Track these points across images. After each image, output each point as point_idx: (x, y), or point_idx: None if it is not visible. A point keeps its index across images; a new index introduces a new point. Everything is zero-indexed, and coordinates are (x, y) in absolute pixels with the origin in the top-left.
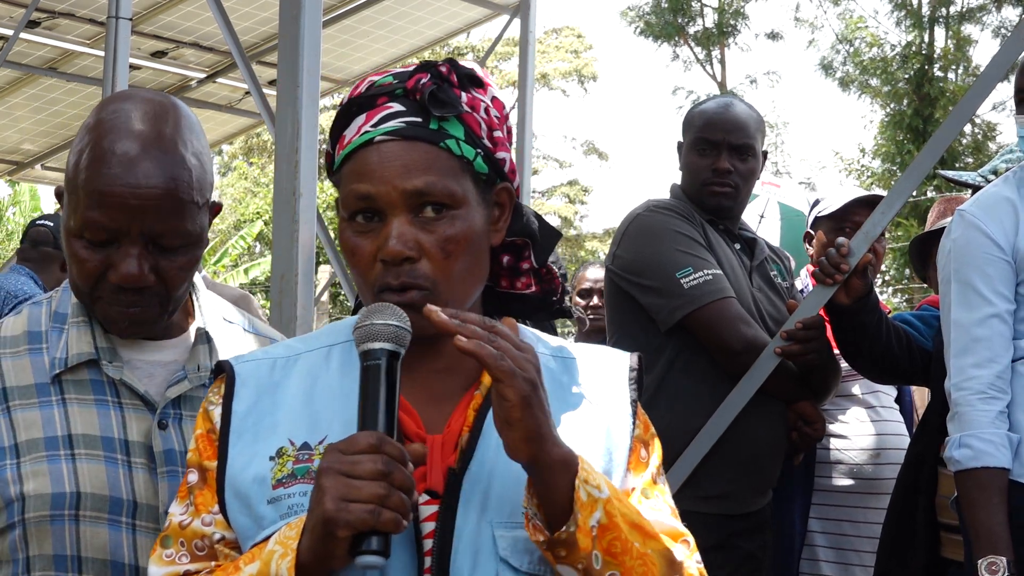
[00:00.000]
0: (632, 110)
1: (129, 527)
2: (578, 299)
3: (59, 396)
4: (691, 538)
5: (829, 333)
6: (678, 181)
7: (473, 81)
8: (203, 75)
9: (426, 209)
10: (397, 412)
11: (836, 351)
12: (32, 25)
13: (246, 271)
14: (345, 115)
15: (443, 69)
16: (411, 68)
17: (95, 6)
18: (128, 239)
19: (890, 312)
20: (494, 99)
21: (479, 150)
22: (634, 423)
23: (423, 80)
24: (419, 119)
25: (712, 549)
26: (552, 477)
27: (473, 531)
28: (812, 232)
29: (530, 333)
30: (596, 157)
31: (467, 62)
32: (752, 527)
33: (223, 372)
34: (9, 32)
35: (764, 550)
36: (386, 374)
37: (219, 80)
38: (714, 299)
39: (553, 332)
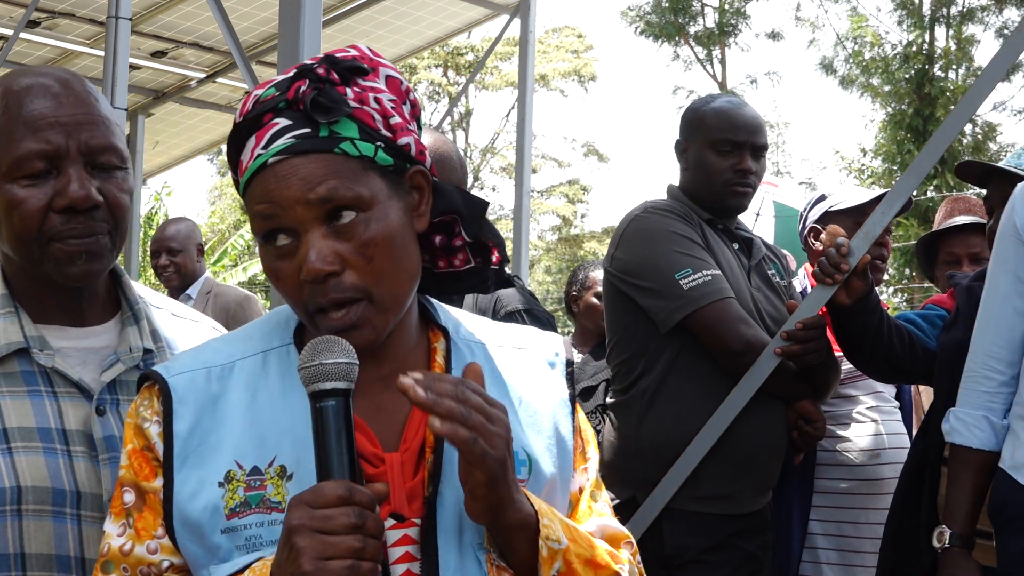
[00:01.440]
0: (632, 110)
1: (74, 518)
2: (595, 300)
3: None
4: (633, 539)
5: (829, 332)
6: (675, 182)
7: (356, 72)
8: (203, 75)
9: (337, 217)
10: (356, 453)
11: (837, 351)
12: (32, 25)
13: (244, 269)
14: (236, 139)
15: (320, 71)
16: (291, 74)
17: (95, 6)
18: (67, 161)
19: (888, 309)
20: (390, 79)
21: (378, 143)
22: (574, 416)
23: (302, 88)
24: (308, 129)
25: (713, 549)
26: (510, 538)
27: (457, 558)
28: (819, 227)
29: (465, 318)
30: (596, 158)
31: (351, 51)
32: (753, 527)
33: (150, 382)
34: (9, 32)
35: (765, 550)
36: (343, 416)
37: (219, 80)
38: (714, 300)
39: (553, 329)
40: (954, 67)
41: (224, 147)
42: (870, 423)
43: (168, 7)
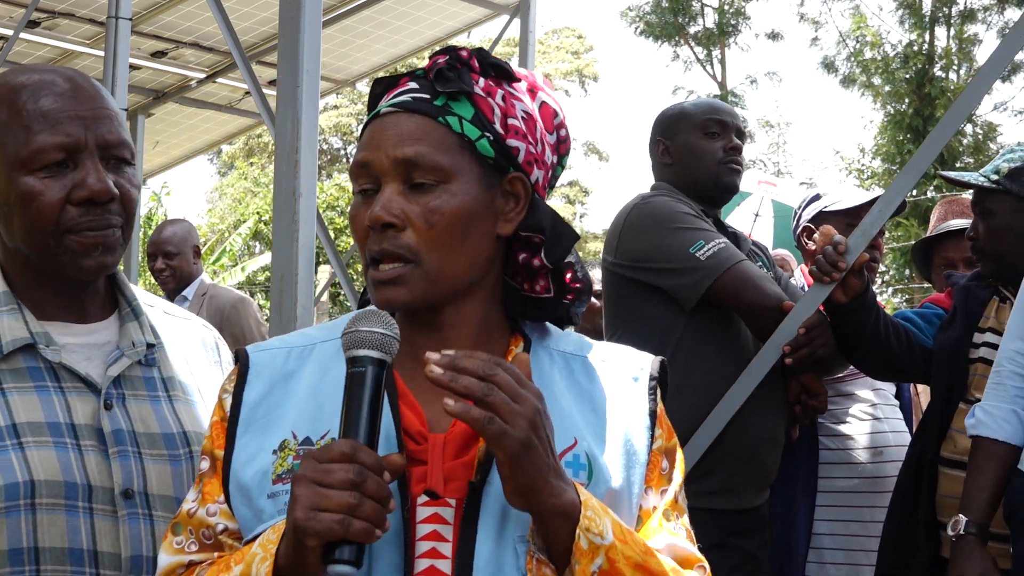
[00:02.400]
0: (632, 110)
1: (86, 511)
2: (593, 301)
3: None
4: (707, 564)
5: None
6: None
7: (499, 71)
8: (203, 75)
9: (416, 179)
10: (380, 421)
11: None
12: (32, 25)
13: (243, 269)
14: (374, 96)
15: (464, 54)
16: (440, 48)
17: (95, 6)
18: (85, 154)
19: (887, 309)
20: (545, 106)
21: (487, 133)
22: (652, 434)
23: (439, 60)
24: (427, 95)
25: (713, 548)
26: (549, 526)
27: (493, 547)
28: (812, 227)
29: (556, 333)
30: (596, 158)
31: (506, 61)
32: (752, 526)
33: (239, 361)
34: (9, 32)
35: (763, 549)
36: (371, 382)
37: (219, 80)
38: (734, 262)
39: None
40: (955, 67)
41: (224, 147)
42: (871, 421)
43: (168, 7)
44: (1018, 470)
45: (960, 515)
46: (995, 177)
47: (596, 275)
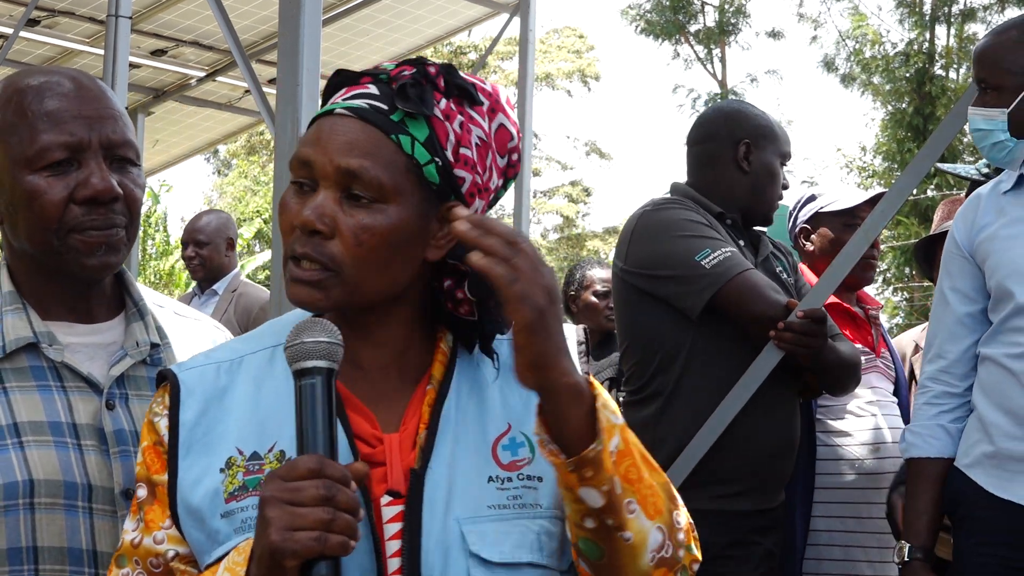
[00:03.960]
0: (633, 109)
1: (86, 511)
2: (594, 299)
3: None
4: None
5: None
6: (678, 179)
7: (463, 93)
8: (203, 73)
9: (354, 191)
10: (336, 431)
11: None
12: (32, 23)
13: (242, 267)
14: (331, 86)
15: (432, 70)
16: (411, 59)
17: (95, 4)
18: (89, 154)
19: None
20: (501, 128)
21: (436, 158)
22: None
23: (405, 72)
24: (385, 106)
25: (735, 545)
26: (560, 405)
27: (440, 529)
28: (809, 228)
29: None
30: (598, 157)
31: (479, 81)
32: (769, 524)
33: (166, 380)
34: (9, 31)
35: (779, 547)
36: (323, 393)
37: (219, 79)
38: (739, 271)
39: None
40: (955, 66)
41: (222, 147)
42: (869, 417)
43: (168, 6)
44: (955, 468)
45: (903, 542)
46: (986, 170)
47: (597, 273)
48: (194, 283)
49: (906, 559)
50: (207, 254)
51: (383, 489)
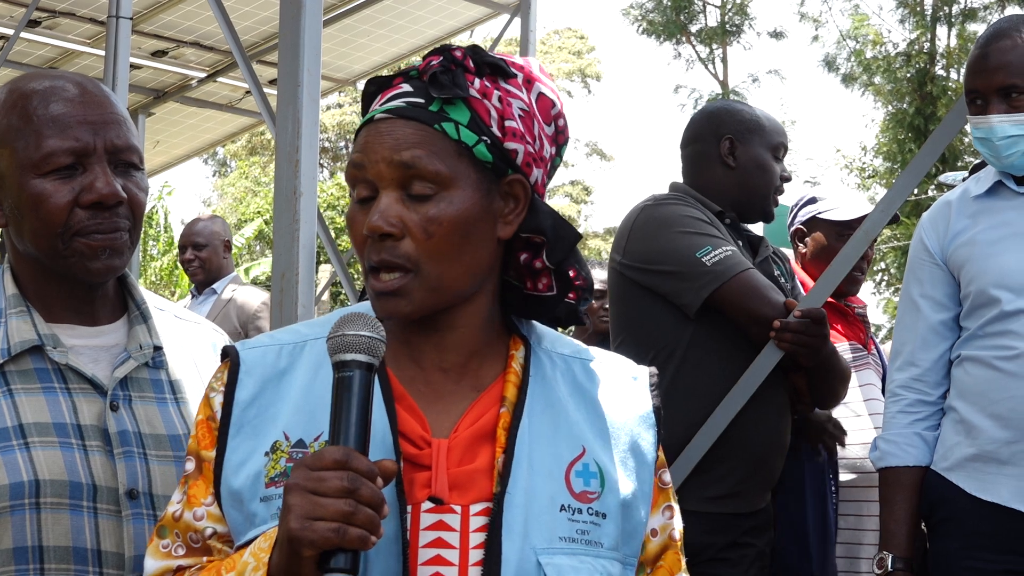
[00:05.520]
0: (633, 109)
1: (91, 511)
2: (593, 301)
3: (5, 387)
4: None
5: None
6: (678, 180)
7: (495, 69)
8: (203, 75)
9: (414, 187)
10: (370, 426)
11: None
12: (32, 24)
13: (246, 271)
14: (367, 96)
15: (458, 54)
16: (435, 48)
17: (95, 5)
18: (94, 159)
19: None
20: (542, 96)
21: (484, 137)
22: (658, 431)
23: (433, 62)
24: (422, 100)
25: (731, 547)
26: None
27: (518, 558)
28: (804, 229)
29: (551, 334)
30: (599, 159)
31: (504, 54)
32: (760, 525)
33: (227, 357)
34: (10, 32)
35: (770, 547)
36: (359, 387)
37: (220, 79)
38: (740, 270)
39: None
40: (956, 66)
41: (222, 147)
42: (867, 416)
43: (168, 6)
44: (932, 471)
45: (884, 551)
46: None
47: (598, 275)
48: (193, 285)
49: (889, 569)
50: (206, 256)
51: (426, 494)
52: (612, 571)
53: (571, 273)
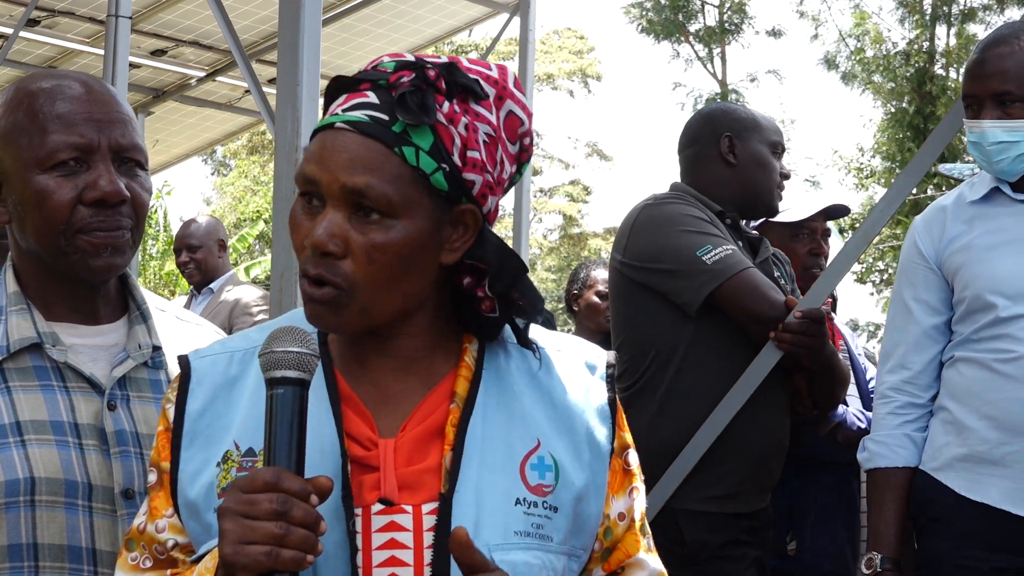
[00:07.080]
0: (633, 109)
1: (86, 510)
2: (596, 299)
3: (3, 384)
4: None
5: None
6: (678, 180)
7: (468, 92)
8: (203, 73)
9: (363, 209)
10: (304, 443)
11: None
12: (32, 24)
13: (247, 270)
14: (330, 92)
15: (431, 73)
16: (410, 59)
17: (95, 5)
18: (98, 156)
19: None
20: (510, 116)
21: (443, 165)
22: (614, 423)
23: (404, 79)
24: (386, 117)
25: (731, 544)
26: None
27: None
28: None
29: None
30: (599, 159)
31: (484, 69)
32: (760, 525)
33: (180, 367)
34: (9, 31)
35: (769, 548)
36: (292, 404)
37: (219, 78)
38: (740, 269)
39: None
40: (955, 66)
41: (221, 147)
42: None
43: (168, 6)
44: (920, 471)
45: (873, 552)
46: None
47: (601, 274)
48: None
49: (878, 569)
50: (200, 257)
51: (376, 496)
52: (556, 565)
53: (515, 295)
